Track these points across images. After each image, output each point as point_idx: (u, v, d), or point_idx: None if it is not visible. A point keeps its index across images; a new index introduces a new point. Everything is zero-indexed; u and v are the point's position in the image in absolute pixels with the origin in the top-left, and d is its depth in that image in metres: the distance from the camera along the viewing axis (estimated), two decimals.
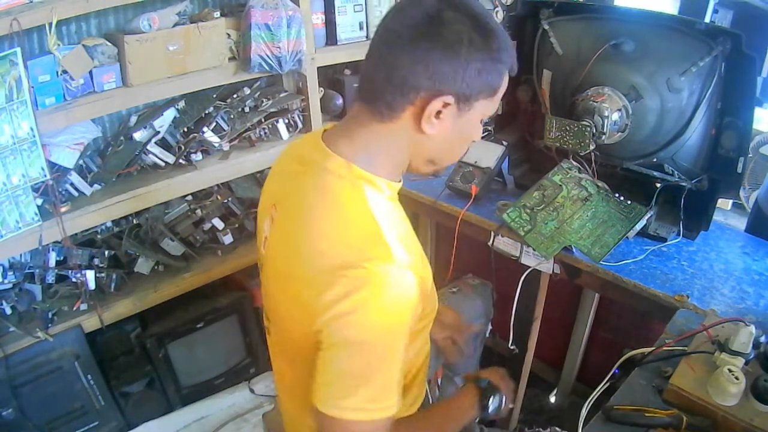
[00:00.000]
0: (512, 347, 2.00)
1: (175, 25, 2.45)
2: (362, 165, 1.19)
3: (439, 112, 1.14)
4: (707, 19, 2.53)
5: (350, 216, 1.16)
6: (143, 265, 2.63)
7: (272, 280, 1.33)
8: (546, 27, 1.92)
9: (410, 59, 1.11)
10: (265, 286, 1.39)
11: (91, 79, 2.30)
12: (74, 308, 2.42)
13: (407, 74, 1.11)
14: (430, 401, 1.80)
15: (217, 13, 2.55)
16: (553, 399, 2.34)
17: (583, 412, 1.35)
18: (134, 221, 2.62)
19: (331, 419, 1.12)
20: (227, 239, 2.80)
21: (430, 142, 1.19)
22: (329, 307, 1.10)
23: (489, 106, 1.21)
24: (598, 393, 1.40)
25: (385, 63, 1.14)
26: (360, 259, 1.10)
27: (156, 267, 2.69)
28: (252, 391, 2.70)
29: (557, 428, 1.86)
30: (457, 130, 1.19)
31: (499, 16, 3.36)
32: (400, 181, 1.27)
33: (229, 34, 2.59)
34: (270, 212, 1.32)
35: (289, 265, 1.22)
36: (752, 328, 1.33)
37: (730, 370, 1.23)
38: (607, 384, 1.44)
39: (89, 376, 2.44)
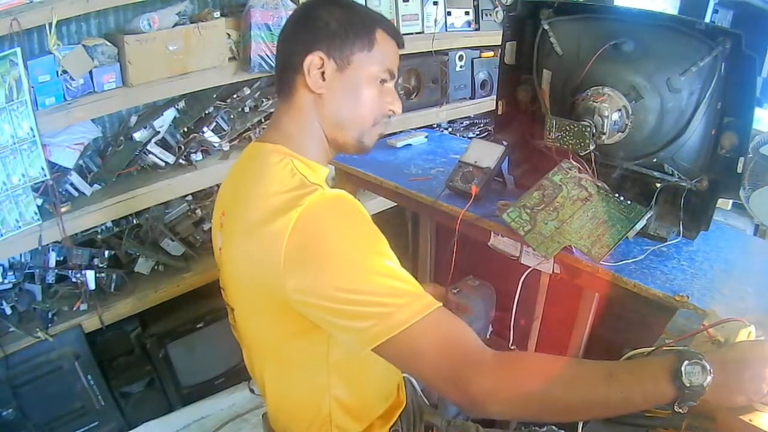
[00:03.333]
0: (513, 347, 2.00)
1: (175, 25, 2.47)
2: (289, 146, 1.34)
3: (322, 72, 1.32)
4: (707, 19, 2.52)
5: (281, 180, 1.25)
6: (143, 265, 2.64)
7: (232, 281, 1.37)
8: (546, 27, 1.90)
9: (288, 43, 1.36)
10: (229, 298, 1.45)
11: (91, 79, 2.32)
12: (74, 308, 2.42)
13: (287, 53, 1.36)
14: (427, 403, 1.79)
15: (217, 13, 2.59)
16: None
17: None
18: (134, 221, 2.63)
19: (393, 342, 1.13)
20: None
21: (329, 103, 1.36)
22: (290, 252, 1.15)
23: (373, 62, 1.36)
24: None
25: (278, 58, 1.41)
26: (296, 199, 1.18)
27: (156, 267, 2.70)
28: (252, 391, 2.69)
29: (554, 427, 1.85)
30: (349, 87, 1.36)
31: (498, 16, 3.38)
32: (327, 168, 1.42)
33: (229, 34, 2.63)
34: (220, 221, 1.41)
35: (240, 244, 1.28)
36: (752, 328, 1.31)
37: None
38: None
39: (89, 376, 2.44)
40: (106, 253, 2.53)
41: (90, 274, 2.44)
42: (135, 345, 2.62)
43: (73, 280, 2.43)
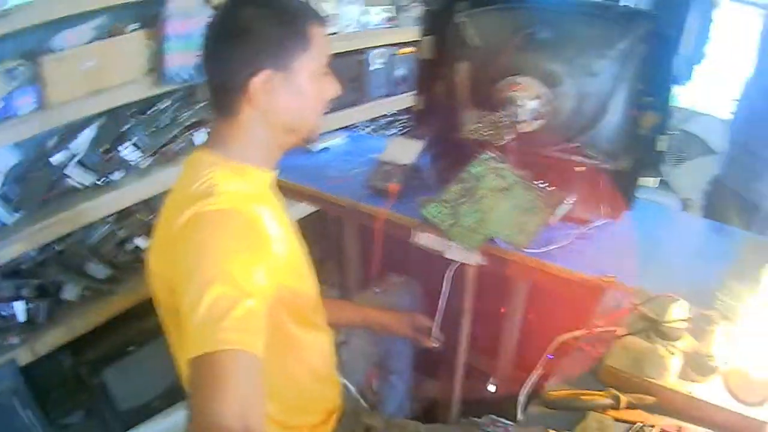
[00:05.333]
0: (436, 345, 1.99)
1: (92, 40, 2.51)
2: (229, 155, 1.35)
3: (268, 87, 1.31)
4: (624, 2, 2.54)
5: (197, 187, 1.26)
6: (71, 292, 2.63)
7: (152, 280, 1.39)
8: (461, 20, 1.94)
9: (222, 60, 1.32)
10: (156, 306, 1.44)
11: (9, 102, 2.31)
12: (5, 342, 2.39)
13: (226, 73, 1.32)
14: (365, 405, 1.78)
15: (133, 26, 2.63)
16: (491, 388, 2.33)
17: (521, 399, 1.38)
18: (58, 247, 2.63)
19: (195, 360, 1.07)
20: None
21: (279, 114, 1.35)
22: (175, 246, 1.19)
23: (312, 59, 1.35)
24: (534, 380, 1.42)
25: (210, 74, 1.36)
26: (194, 199, 1.21)
27: (84, 292, 2.69)
28: None
29: (493, 415, 1.86)
30: (294, 92, 1.34)
31: (417, 11, 3.40)
32: (274, 170, 1.44)
33: (145, 47, 2.62)
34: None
35: (154, 243, 1.35)
36: (682, 303, 1.38)
37: (664, 346, 1.27)
38: (542, 370, 1.44)
39: (28, 411, 2.41)
40: (33, 282, 2.51)
41: (19, 306, 2.42)
42: (70, 374, 2.62)
43: (2, 313, 2.40)
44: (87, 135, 2.59)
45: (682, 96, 2.94)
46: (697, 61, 2.01)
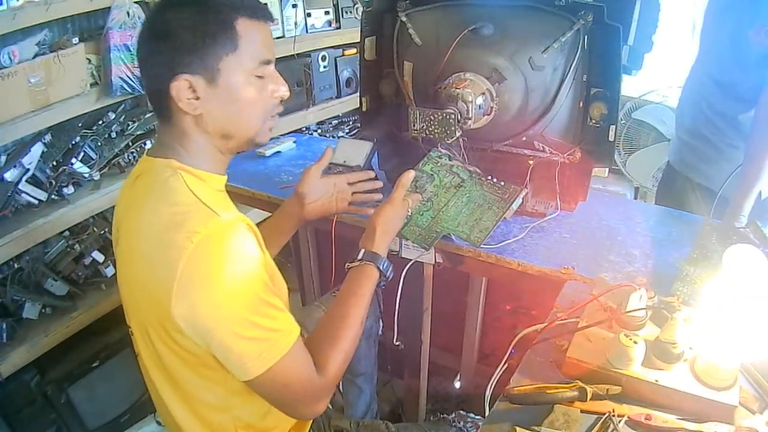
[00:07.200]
0: (397, 343, 1.95)
1: (36, 56, 2.44)
2: (180, 160, 1.30)
3: (193, 92, 1.24)
4: None
5: (174, 198, 1.23)
6: (31, 310, 2.59)
7: (129, 301, 1.39)
8: (404, 19, 1.92)
9: (148, 65, 1.27)
10: (128, 318, 1.43)
11: None
12: None
13: (150, 80, 1.27)
14: (331, 408, 1.73)
15: (75, 39, 2.56)
16: (458, 385, 2.31)
17: (488, 394, 1.35)
18: (15, 265, 2.56)
19: (262, 378, 1.22)
20: (109, 271, 2.79)
21: (209, 119, 1.29)
22: (182, 282, 1.16)
23: (243, 59, 1.27)
24: (499, 375, 1.38)
25: (142, 79, 1.32)
26: (191, 226, 1.17)
27: (43, 310, 2.64)
28: (159, 423, 2.59)
29: (462, 411, 1.84)
30: (226, 97, 1.27)
31: (359, 12, 3.36)
32: (224, 175, 1.39)
33: (89, 59, 2.60)
34: (116, 238, 1.40)
35: (133, 265, 1.29)
36: (642, 291, 1.35)
37: (626, 335, 1.22)
38: (506, 365, 1.40)
39: None
40: None
41: None
42: (36, 394, 2.57)
43: None
44: (36, 150, 2.54)
45: (633, 85, 2.94)
46: (648, 50, 1.97)
